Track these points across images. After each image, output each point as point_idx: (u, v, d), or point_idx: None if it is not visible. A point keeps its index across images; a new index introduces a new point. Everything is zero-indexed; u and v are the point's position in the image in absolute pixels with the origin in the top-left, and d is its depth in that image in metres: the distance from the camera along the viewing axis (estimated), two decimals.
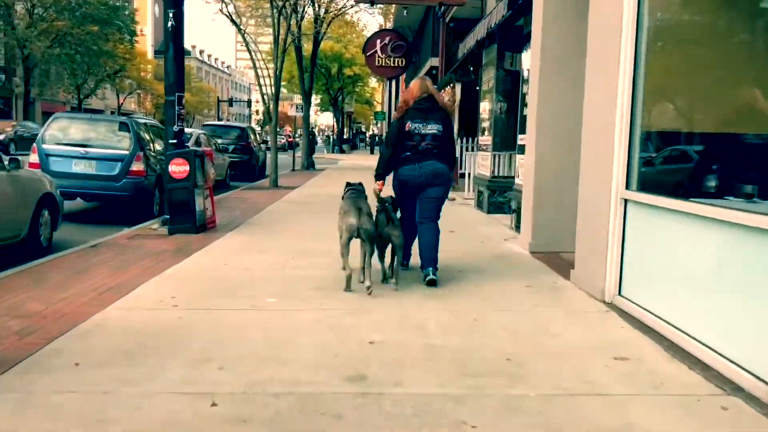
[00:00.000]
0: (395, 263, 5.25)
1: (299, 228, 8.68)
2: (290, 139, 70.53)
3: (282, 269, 5.89)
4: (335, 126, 57.00)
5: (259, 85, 16.95)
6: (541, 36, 6.61)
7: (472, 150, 14.37)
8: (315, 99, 64.32)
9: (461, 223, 9.13)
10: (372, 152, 43.97)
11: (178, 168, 7.80)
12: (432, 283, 5.18)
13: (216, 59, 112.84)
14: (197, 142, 15.05)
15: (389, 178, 5.49)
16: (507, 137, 9.85)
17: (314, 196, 13.22)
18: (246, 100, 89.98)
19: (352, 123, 62.59)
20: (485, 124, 10.82)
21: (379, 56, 22.06)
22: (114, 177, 9.57)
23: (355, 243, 5.06)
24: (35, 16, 38.16)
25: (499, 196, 10.05)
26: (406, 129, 5.24)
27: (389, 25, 28.43)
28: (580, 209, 5.36)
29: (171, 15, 7.99)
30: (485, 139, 10.72)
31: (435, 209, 5.36)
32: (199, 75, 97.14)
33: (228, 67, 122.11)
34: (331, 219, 6.08)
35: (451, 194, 7.76)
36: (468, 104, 14.49)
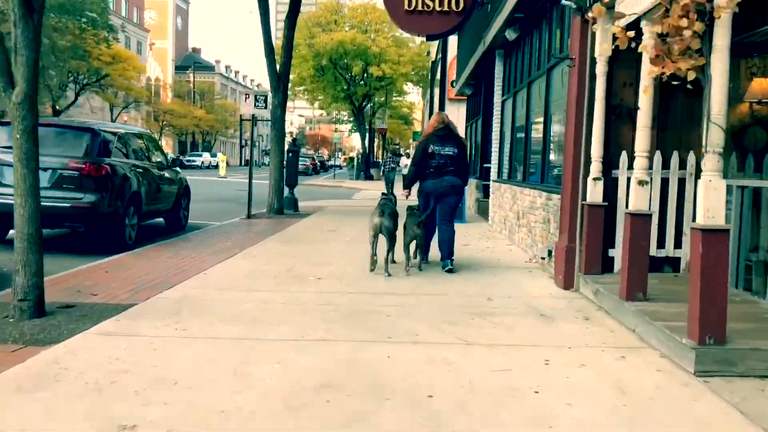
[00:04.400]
0: (419, 254, 6.98)
1: None
2: (313, 162, 59.83)
3: None
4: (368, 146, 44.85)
5: None
6: None
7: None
8: (341, 114, 53.16)
9: None
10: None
11: None
12: (450, 272, 6.69)
13: (245, 76, 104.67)
14: None
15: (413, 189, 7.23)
16: None
17: None
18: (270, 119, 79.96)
19: (385, 142, 51.20)
20: None
21: None
22: None
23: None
24: None
25: None
26: (429, 151, 6.85)
27: None
28: None
29: None
30: None
31: (451, 213, 6.97)
32: (224, 92, 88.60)
33: (258, 85, 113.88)
34: None
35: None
36: None
